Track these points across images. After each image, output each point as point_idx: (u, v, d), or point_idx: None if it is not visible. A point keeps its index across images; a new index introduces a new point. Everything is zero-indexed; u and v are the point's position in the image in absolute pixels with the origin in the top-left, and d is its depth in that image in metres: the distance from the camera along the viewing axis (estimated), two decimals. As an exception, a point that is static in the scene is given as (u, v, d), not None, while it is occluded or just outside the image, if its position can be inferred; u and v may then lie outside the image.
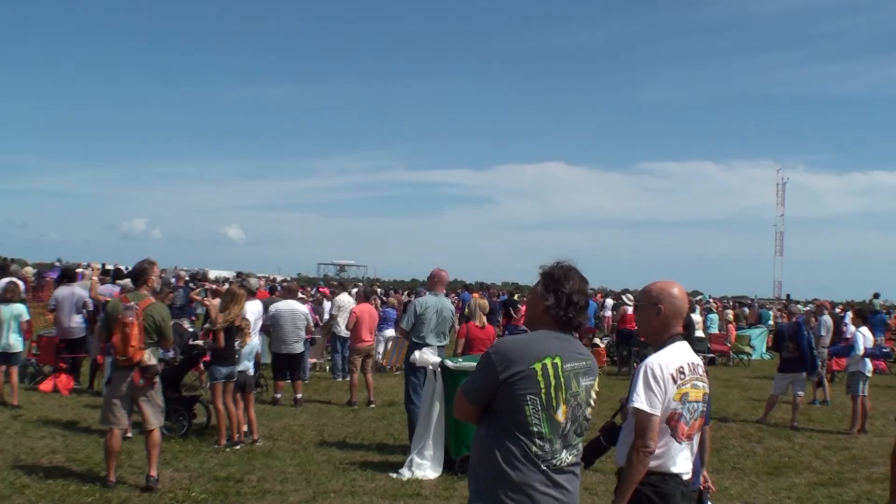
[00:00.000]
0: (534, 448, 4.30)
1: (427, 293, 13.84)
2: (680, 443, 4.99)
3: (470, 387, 4.57)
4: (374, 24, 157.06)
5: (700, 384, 5.12)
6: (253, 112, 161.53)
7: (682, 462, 5.02)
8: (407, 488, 10.34)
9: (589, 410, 4.54)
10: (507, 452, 4.31)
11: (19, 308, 15.06)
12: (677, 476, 4.99)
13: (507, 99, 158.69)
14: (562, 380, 4.35)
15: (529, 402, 4.30)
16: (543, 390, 4.30)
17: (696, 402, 5.08)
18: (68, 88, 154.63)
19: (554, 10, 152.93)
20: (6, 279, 22.50)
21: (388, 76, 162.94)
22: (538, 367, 4.32)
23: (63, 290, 17.26)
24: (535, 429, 4.30)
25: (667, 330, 5.18)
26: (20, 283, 21.10)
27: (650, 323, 5.27)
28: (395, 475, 10.94)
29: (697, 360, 5.23)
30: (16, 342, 14.94)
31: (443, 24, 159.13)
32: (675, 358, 5.06)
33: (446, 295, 13.92)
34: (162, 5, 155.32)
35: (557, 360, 4.36)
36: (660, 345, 5.13)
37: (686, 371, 5.04)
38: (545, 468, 4.30)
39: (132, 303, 9.74)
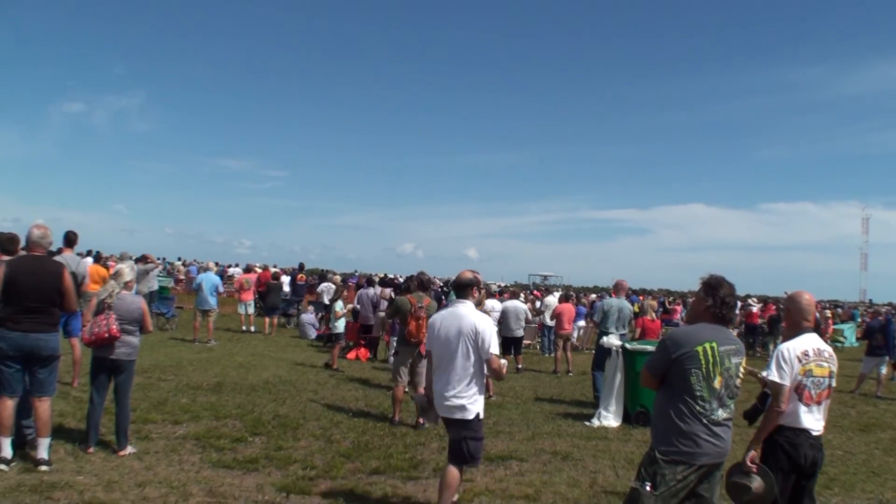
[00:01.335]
0: (697, 407, 4.35)
1: (610, 296, 13.86)
2: (808, 406, 4.94)
3: (651, 363, 4.67)
4: (566, 103, 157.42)
5: (825, 364, 5.02)
6: (486, 170, 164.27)
7: (809, 421, 4.94)
8: (596, 433, 10.23)
9: (738, 381, 4.52)
10: (678, 410, 4.38)
11: (339, 304, 15.69)
12: (806, 431, 4.94)
13: (663, 159, 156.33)
14: (718, 358, 4.38)
15: (693, 374, 4.36)
16: (704, 365, 4.35)
17: (822, 377, 4.99)
18: (363, 155, 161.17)
19: (692, 92, 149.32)
20: (325, 283, 23.58)
21: (579, 142, 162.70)
22: (699, 349, 4.37)
23: (363, 292, 17.85)
24: (698, 393, 4.35)
25: (797, 325, 5.15)
26: (333, 286, 22.06)
27: (785, 320, 5.29)
28: (587, 423, 10.85)
29: (824, 346, 5.11)
30: (341, 326, 15.56)
31: (611, 110, 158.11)
32: (801, 344, 5.01)
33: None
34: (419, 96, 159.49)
35: (714, 344, 4.40)
36: (792, 336, 5.09)
37: (810, 354, 4.97)
38: (706, 422, 4.35)
39: (419, 303, 10.04)
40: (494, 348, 5.87)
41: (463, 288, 6.19)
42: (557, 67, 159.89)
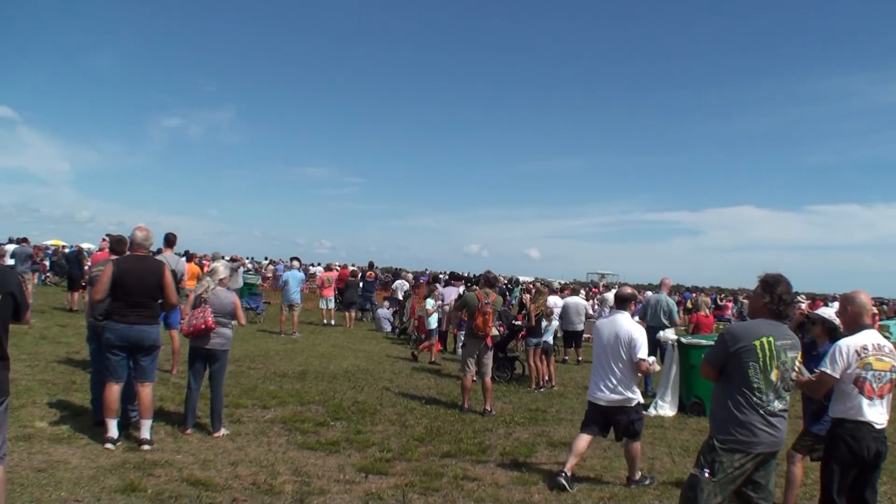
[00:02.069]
0: (754, 399, 4.25)
1: (654, 293, 13.93)
2: (870, 399, 4.73)
3: (711, 356, 4.54)
4: (615, 114, 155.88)
5: (886, 359, 4.79)
6: (546, 176, 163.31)
7: (872, 414, 4.73)
8: (653, 421, 10.00)
9: (794, 374, 4.40)
10: (735, 401, 4.28)
11: (430, 302, 15.63)
12: (868, 424, 4.72)
13: (713, 163, 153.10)
14: (774, 352, 4.26)
15: (751, 367, 4.25)
16: (761, 359, 4.24)
17: (882, 371, 4.77)
18: (433, 163, 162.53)
19: (742, 100, 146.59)
20: (399, 281, 23.66)
21: (633, 148, 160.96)
22: (757, 343, 4.26)
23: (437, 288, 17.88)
24: (755, 385, 4.25)
25: (856, 322, 4.93)
26: (406, 283, 22.11)
27: (843, 318, 5.08)
28: (644, 412, 10.58)
29: (884, 342, 4.87)
30: (433, 322, 15.33)
31: (664, 118, 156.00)
32: (860, 340, 4.80)
33: (670, 294, 13.68)
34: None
35: (771, 339, 4.27)
36: (852, 332, 4.88)
37: (869, 348, 4.76)
38: (762, 412, 4.24)
39: (486, 299, 9.94)
40: (643, 353, 6.55)
41: (623, 301, 6.98)
42: (613, 79, 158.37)
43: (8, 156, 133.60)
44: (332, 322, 21.58)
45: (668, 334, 11.66)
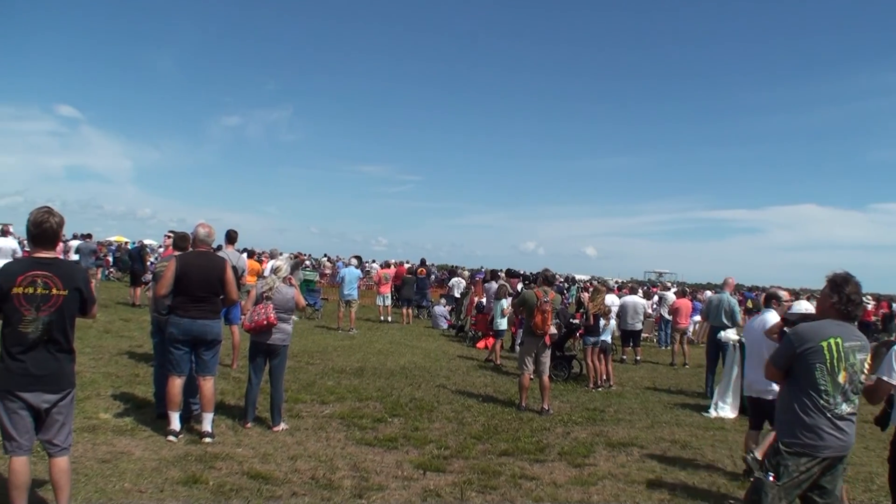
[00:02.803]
0: (821, 401, 4.11)
1: (717, 292, 13.79)
2: None
3: (776, 357, 4.40)
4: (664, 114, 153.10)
5: None
6: (603, 173, 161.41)
7: None
8: (713, 423, 9.82)
9: (863, 376, 4.25)
10: (802, 404, 4.15)
11: (505, 303, 15.48)
12: None
13: (774, 160, 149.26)
14: (842, 353, 4.12)
15: (818, 369, 4.12)
16: (828, 360, 4.11)
17: None
18: (490, 160, 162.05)
19: (804, 95, 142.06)
20: (455, 278, 23.66)
21: (691, 145, 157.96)
22: (824, 344, 4.12)
23: (488, 286, 17.81)
24: (822, 387, 4.11)
25: None
26: (462, 281, 22.08)
27: None
28: (705, 414, 10.45)
29: None
30: (504, 323, 15.16)
31: (723, 113, 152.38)
32: None
33: (732, 293, 13.42)
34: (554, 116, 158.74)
35: (839, 340, 4.13)
36: None
37: None
38: (829, 416, 4.10)
39: (545, 297, 9.83)
40: None
41: (768, 300, 8.02)
42: (669, 75, 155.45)
43: (72, 154, 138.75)
44: (389, 319, 21.70)
45: (730, 335, 11.43)
